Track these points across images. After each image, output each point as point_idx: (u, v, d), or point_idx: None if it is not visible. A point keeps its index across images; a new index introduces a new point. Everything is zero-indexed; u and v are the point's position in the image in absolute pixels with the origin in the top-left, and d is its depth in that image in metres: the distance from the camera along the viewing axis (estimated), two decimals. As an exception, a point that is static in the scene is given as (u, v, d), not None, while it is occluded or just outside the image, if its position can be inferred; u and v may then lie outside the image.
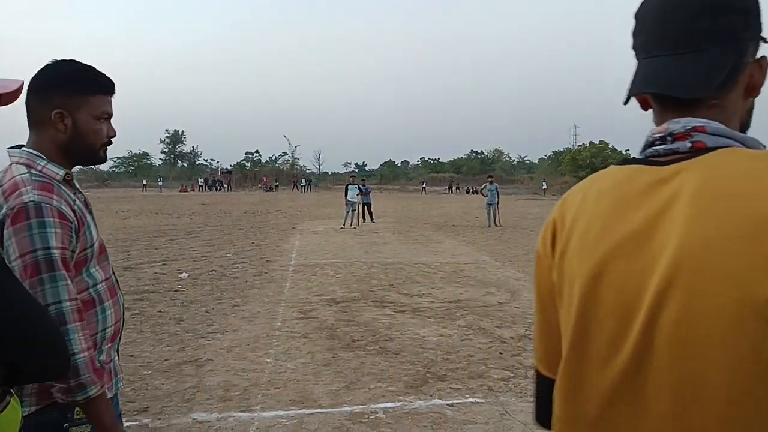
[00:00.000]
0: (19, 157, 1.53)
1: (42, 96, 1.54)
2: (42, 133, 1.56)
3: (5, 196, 1.43)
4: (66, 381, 1.38)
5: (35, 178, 1.47)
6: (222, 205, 31.65)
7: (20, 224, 1.39)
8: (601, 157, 53.85)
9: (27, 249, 1.38)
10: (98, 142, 1.62)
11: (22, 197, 1.41)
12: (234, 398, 4.18)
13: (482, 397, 4.27)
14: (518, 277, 9.48)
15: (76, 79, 1.57)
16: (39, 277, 1.38)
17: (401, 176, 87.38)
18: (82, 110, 1.57)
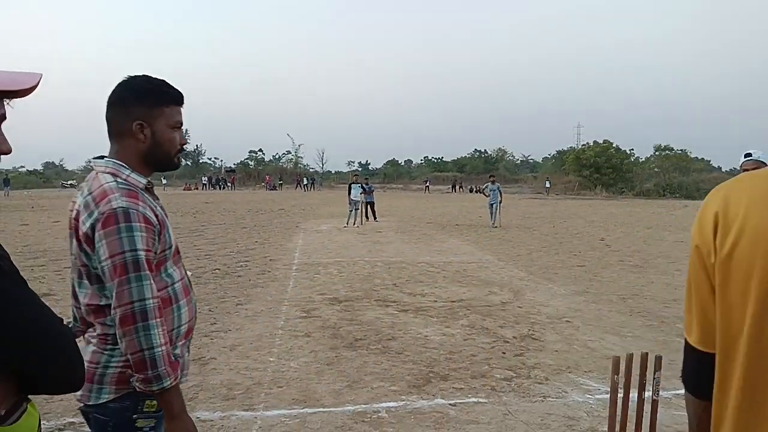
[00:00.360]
0: (105, 166, 1.66)
1: (122, 109, 1.68)
2: (123, 143, 1.69)
3: (96, 202, 1.57)
4: (145, 372, 1.52)
5: (122, 186, 1.60)
6: (225, 203, 31.69)
7: (110, 228, 1.53)
8: (605, 156, 53.67)
9: (116, 251, 1.52)
10: (173, 150, 1.75)
11: (111, 204, 1.55)
12: (237, 397, 4.18)
13: (485, 396, 4.27)
14: (521, 276, 9.47)
15: (152, 93, 1.70)
16: (126, 276, 1.52)
17: (404, 175, 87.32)
18: (158, 121, 1.69)
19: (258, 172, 73.22)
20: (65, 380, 1.10)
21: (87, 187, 1.63)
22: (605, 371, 4.61)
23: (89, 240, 1.56)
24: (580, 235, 16.65)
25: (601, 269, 10.41)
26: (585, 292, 8.24)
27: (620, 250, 13.07)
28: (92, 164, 1.71)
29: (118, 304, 1.53)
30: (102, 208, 1.54)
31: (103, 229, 1.53)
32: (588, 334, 5.99)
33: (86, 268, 1.62)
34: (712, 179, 57.03)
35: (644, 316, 6.76)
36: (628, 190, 52.76)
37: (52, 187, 61.59)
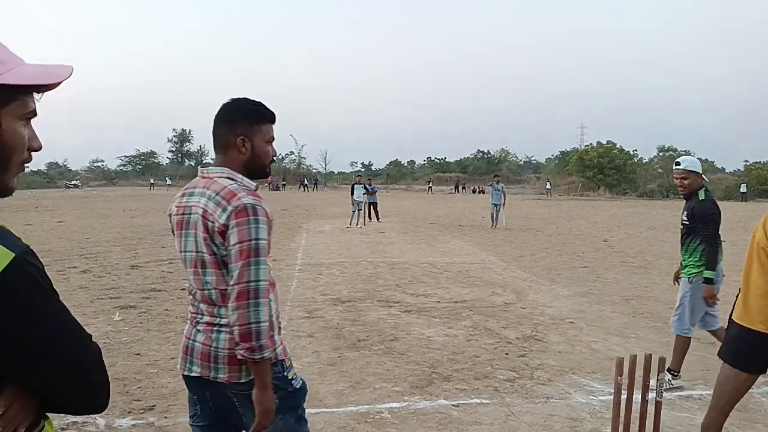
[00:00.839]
0: (221, 173, 1.97)
1: (229, 126, 2.00)
2: (228, 154, 2.00)
3: (226, 199, 1.85)
4: (250, 342, 1.77)
5: (243, 188, 1.90)
6: (228, 204, 31.70)
7: (242, 218, 1.81)
8: (609, 157, 53.55)
9: (245, 238, 1.80)
10: (267, 161, 2.08)
11: (241, 200, 1.84)
12: (240, 397, 4.18)
13: (488, 397, 4.26)
14: (524, 277, 9.46)
15: (253, 113, 2.03)
16: (250, 259, 1.79)
17: (407, 176, 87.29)
18: (257, 136, 2.02)
19: (261, 173, 73.24)
20: (89, 404, 1.07)
21: (210, 190, 1.91)
22: (608, 372, 4.60)
23: (224, 230, 1.83)
24: (583, 236, 16.63)
25: (604, 270, 10.39)
26: (588, 293, 8.22)
27: (623, 251, 13.04)
28: (207, 171, 2.01)
29: (237, 282, 1.79)
30: (234, 203, 1.83)
31: (236, 219, 1.81)
32: (591, 335, 5.97)
33: (214, 257, 1.88)
34: (716, 180, 56.88)
35: (647, 318, 6.75)
36: (631, 190, 52.65)
37: (56, 187, 61.75)
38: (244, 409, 1.93)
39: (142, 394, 4.21)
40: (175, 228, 2.03)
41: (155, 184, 61.59)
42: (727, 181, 55.96)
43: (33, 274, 0.94)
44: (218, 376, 1.91)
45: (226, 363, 1.89)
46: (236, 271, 1.79)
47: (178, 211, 2.02)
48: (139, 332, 5.82)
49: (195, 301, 2.00)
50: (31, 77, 0.98)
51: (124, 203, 30.69)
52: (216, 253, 1.87)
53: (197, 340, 1.97)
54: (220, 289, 1.88)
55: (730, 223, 22.03)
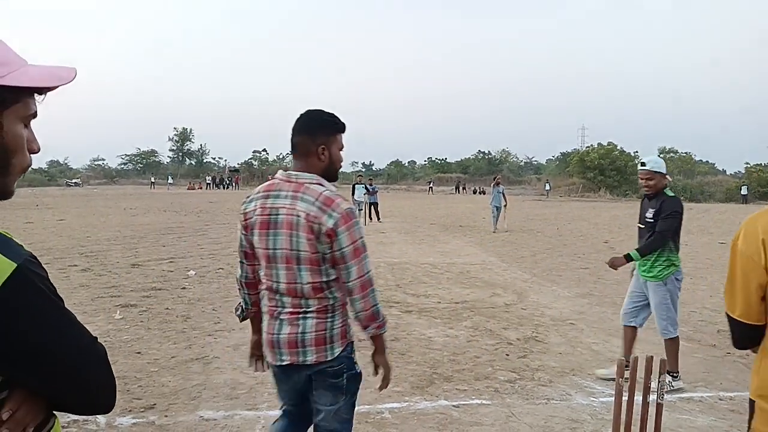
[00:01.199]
0: (311, 179, 2.19)
1: (310, 136, 2.24)
2: (309, 161, 2.23)
3: (328, 206, 2.10)
4: (376, 321, 2.24)
5: (335, 194, 2.17)
6: (229, 203, 31.73)
7: (350, 223, 2.12)
8: (610, 159, 53.49)
9: (356, 237, 2.13)
10: (339, 167, 2.35)
11: (341, 206, 2.12)
12: (240, 396, 4.19)
13: (488, 398, 4.26)
14: (525, 278, 9.46)
15: (330, 124, 2.29)
16: (362, 254, 2.15)
17: (408, 176, 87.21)
18: (333, 145, 2.27)
19: (262, 172, 73.24)
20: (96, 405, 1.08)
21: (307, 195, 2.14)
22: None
23: (332, 233, 2.09)
24: (584, 237, 16.62)
25: (605, 271, 10.35)
26: (589, 294, 8.22)
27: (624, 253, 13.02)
28: (295, 177, 2.21)
29: (359, 275, 2.14)
30: (339, 209, 2.10)
31: (344, 224, 2.10)
32: (592, 336, 5.97)
33: (316, 255, 2.12)
34: (717, 182, 56.89)
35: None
36: (632, 192, 52.57)
37: (57, 185, 61.77)
38: (319, 387, 2.26)
39: (143, 393, 4.21)
40: (258, 227, 2.21)
41: (156, 183, 61.55)
42: (727, 183, 55.92)
43: (36, 282, 0.95)
44: (306, 359, 2.19)
45: (314, 345, 2.18)
46: (355, 267, 2.13)
47: (262, 211, 2.21)
48: (139, 331, 5.82)
49: (275, 294, 2.22)
50: (35, 79, 0.97)
51: (125, 202, 30.70)
52: (319, 251, 2.12)
53: (282, 332, 2.21)
54: (314, 282, 2.15)
55: (731, 225, 22.02)
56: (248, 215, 2.29)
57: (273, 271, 2.20)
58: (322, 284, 2.16)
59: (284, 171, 2.27)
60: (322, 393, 2.26)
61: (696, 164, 64.36)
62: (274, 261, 2.18)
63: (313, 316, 2.18)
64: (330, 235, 2.09)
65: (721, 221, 24.28)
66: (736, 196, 47.42)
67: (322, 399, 2.27)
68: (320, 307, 2.18)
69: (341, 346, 2.22)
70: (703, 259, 12.34)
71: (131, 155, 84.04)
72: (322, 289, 2.17)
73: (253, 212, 2.27)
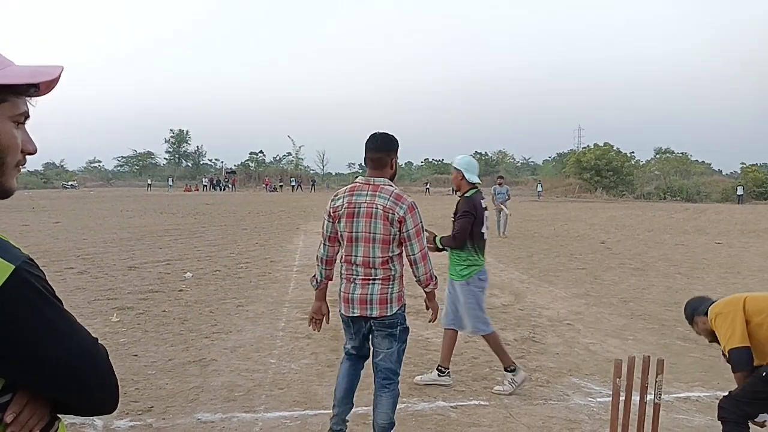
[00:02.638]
0: (384, 182, 3.11)
1: (386, 152, 3.16)
2: (384, 170, 3.15)
3: (398, 199, 3.03)
4: (432, 280, 3.17)
5: (402, 192, 3.10)
6: (226, 205, 31.70)
7: (413, 212, 3.05)
8: (606, 159, 53.59)
9: (417, 222, 3.05)
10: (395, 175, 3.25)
11: (408, 200, 3.06)
12: (238, 399, 4.18)
13: (486, 399, 4.27)
14: (522, 279, 9.47)
15: (395, 143, 3.23)
16: (422, 234, 3.08)
17: (405, 177, 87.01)
18: (395, 159, 3.21)
19: (259, 174, 73.14)
20: (99, 406, 1.08)
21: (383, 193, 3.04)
22: (607, 374, 4.60)
23: (402, 220, 3.00)
24: (581, 237, 16.65)
25: (602, 272, 10.40)
26: (586, 294, 8.23)
27: (621, 253, 13.06)
28: (373, 181, 3.11)
29: (420, 249, 3.08)
30: (406, 203, 3.03)
31: (410, 212, 3.02)
32: (589, 337, 5.98)
33: (389, 236, 3.01)
34: (713, 182, 57.02)
35: (645, 320, 6.76)
36: (628, 192, 52.73)
37: (53, 187, 61.59)
38: (379, 334, 3.14)
39: (140, 396, 4.20)
40: (345, 216, 3.07)
41: (153, 185, 61.43)
42: (723, 183, 56.08)
43: (35, 284, 0.95)
44: (372, 313, 3.06)
45: (378, 303, 3.05)
46: (416, 243, 3.04)
47: (348, 205, 3.07)
48: (136, 333, 5.80)
49: (352, 266, 3.10)
50: (17, 77, 0.97)
51: (122, 204, 30.63)
52: (391, 234, 3.00)
53: (355, 292, 3.09)
54: (383, 257, 3.03)
55: (727, 225, 22.09)
56: (338, 209, 3.11)
57: (353, 248, 3.06)
58: (388, 258, 3.03)
59: (363, 177, 3.16)
60: (381, 340, 3.13)
61: (692, 164, 64.40)
62: (355, 241, 3.05)
63: (379, 283, 3.05)
64: (401, 221, 2.99)
65: (717, 221, 24.35)
66: (732, 196, 47.56)
67: (381, 344, 3.13)
68: (384, 276, 3.05)
69: (398, 306, 3.10)
70: (699, 259, 12.37)
71: (128, 157, 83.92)
72: (387, 262, 3.03)
73: (341, 206, 3.09)
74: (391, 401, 3.16)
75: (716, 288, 8.97)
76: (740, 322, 2.91)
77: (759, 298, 3.04)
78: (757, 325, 2.91)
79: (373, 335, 3.16)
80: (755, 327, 2.91)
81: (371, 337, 3.20)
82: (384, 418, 3.15)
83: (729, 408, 3.02)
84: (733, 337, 2.89)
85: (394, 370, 3.16)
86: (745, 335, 2.88)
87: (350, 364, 3.37)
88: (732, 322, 2.92)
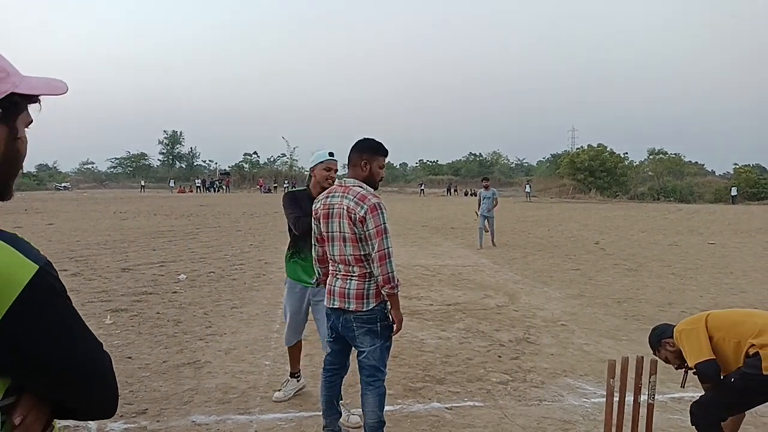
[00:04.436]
0: (354, 184, 3.15)
1: (358, 152, 3.19)
2: (355, 171, 3.19)
3: (360, 200, 3.04)
4: (390, 283, 3.04)
5: (369, 192, 3.11)
6: (220, 206, 31.61)
7: (375, 212, 3.02)
8: (600, 160, 53.78)
9: (379, 223, 3.01)
10: (377, 180, 3.24)
11: (370, 201, 3.04)
12: (232, 401, 4.17)
13: (481, 400, 4.27)
14: (516, 280, 9.48)
15: (374, 147, 3.22)
16: (383, 235, 3.01)
17: (400, 178, 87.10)
18: (374, 162, 3.20)
19: (253, 175, 72.95)
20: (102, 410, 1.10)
21: (349, 194, 3.08)
22: (601, 375, 4.62)
23: (363, 220, 3.01)
24: (575, 238, 16.69)
25: (596, 273, 10.43)
26: (580, 295, 8.26)
27: (615, 254, 13.11)
28: (344, 182, 3.19)
29: (379, 249, 3.00)
30: (369, 202, 3.03)
31: (371, 212, 3.01)
32: (583, 337, 6.00)
33: (355, 236, 3.05)
34: (706, 183, 57.31)
35: (639, 320, 6.78)
36: (622, 193, 52.91)
37: (46, 189, 61.26)
38: (359, 331, 3.15)
39: (134, 398, 4.18)
40: (322, 218, 3.19)
41: (146, 186, 61.15)
42: (716, 183, 56.36)
43: (55, 286, 0.96)
44: (349, 307, 3.12)
45: (355, 298, 3.11)
46: (376, 243, 3.00)
47: (323, 207, 3.18)
48: (130, 335, 5.78)
49: (335, 263, 3.19)
50: (37, 88, 1.02)
51: (115, 205, 30.50)
52: (356, 233, 3.05)
53: (336, 285, 3.18)
54: (355, 255, 3.08)
55: (720, 226, 22.21)
56: (317, 211, 3.24)
57: (330, 247, 3.19)
58: (360, 256, 3.08)
59: (339, 179, 3.32)
60: (363, 336, 3.15)
61: (685, 165, 64.67)
62: (331, 240, 3.17)
63: (356, 279, 3.12)
64: (362, 221, 3.02)
65: (710, 222, 24.47)
66: (725, 196, 47.81)
67: (363, 341, 3.15)
68: (361, 273, 3.10)
69: (375, 302, 3.12)
70: (693, 259, 12.43)
71: (121, 158, 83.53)
72: (361, 260, 3.09)
73: (319, 209, 3.22)
74: (377, 399, 3.18)
75: (709, 288, 9.02)
76: (704, 337, 3.15)
77: (719, 316, 3.30)
78: (720, 339, 3.15)
79: (355, 333, 3.16)
80: (718, 341, 3.15)
81: (354, 336, 3.18)
82: (372, 417, 3.18)
83: (701, 414, 3.19)
84: (700, 351, 3.12)
85: (378, 367, 3.17)
86: (710, 349, 3.12)
87: (327, 377, 3.43)
88: (696, 337, 3.17)
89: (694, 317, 3.39)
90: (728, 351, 3.14)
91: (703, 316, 3.30)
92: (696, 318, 3.35)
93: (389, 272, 3.02)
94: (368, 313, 3.10)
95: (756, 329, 3.08)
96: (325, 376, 3.44)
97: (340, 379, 3.47)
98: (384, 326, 3.17)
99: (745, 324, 3.16)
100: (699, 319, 3.30)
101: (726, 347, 3.15)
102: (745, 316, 3.29)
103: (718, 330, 3.19)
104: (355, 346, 3.24)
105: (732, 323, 3.22)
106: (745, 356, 3.05)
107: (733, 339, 3.12)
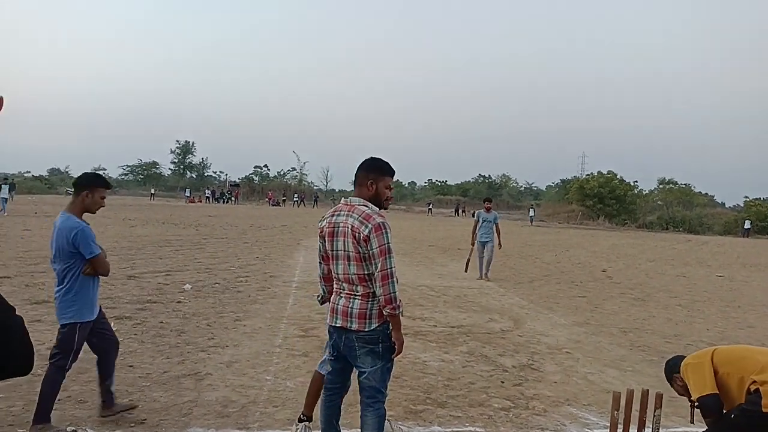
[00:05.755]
0: (359, 203, 3.15)
1: (365, 171, 3.21)
2: (361, 190, 3.21)
3: (365, 219, 3.03)
4: (392, 304, 3.00)
5: (374, 212, 3.10)
6: (228, 217, 31.71)
7: (379, 231, 3.01)
8: (609, 187, 53.66)
9: (383, 242, 3.00)
10: (383, 200, 3.25)
11: (375, 220, 3.03)
12: (232, 415, 4.14)
13: (482, 426, 4.22)
14: (522, 305, 9.42)
15: (380, 167, 3.24)
16: (387, 255, 3.00)
17: (408, 197, 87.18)
18: (380, 182, 3.21)
19: (262, 188, 73.26)
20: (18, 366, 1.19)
21: (354, 213, 3.09)
22: (605, 405, 4.56)
23: (367, 239, 3.00)
24: (582, 265, 16.59)
25: (603, 301, 10.35)
26: (585, 323, 8.18)
27: (622, 282, 13.01)
28: (349, 201, 3.20)
29: (382, 269, 2.99)
30: (373, 221, 3.02)
31: (375, 232, 3.00)
32: (588, 366, 5.93)
33: (359, 255, 3.04)
34: (716, 214, 57.00)
35: (644, 351, 6.70)
36: (630, 221, 52.70)
37: (56, 193, 61.75)
38: (361, 351, 3.12)
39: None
40: (327, 236, 3.20)
41: (156, 195, 61.53)
42: (726, 216, 56.04)
43: None
44: (351, 326, 3.10)
45: (357, 317, 3.09)
46: (380, 263, 2.99)
47: (329, 226, 3.19)
48: (132, 344, 5.77)
49: (339, 281, 3.20)
50: None
51: (124, 212, 30.67)
52: (360, 252, 3.04)
53: (339, 304, 3.17)
54: (359, 274, 3.07)
55: (728, 258, 22.02)
56: (322, 229, 3.25)
57: (335, 265, 3.18)
58: (364, 275, 3.06)
59: (345, 198, 3.25)
60: (364, 357, 3.12)
61: (695, 196, 64.38)
62: (336, 259, 3.16)
63: (359, 298, 3.10)
64: (365, 240, 3.01)
65: (719, 254, 24.27)
66: (735, 229, 47.49)
67: (365, 362, 3.13)
68: (365, 292, 3.09)
69: (378, 322, 3.09)
70: (700, 291, 12.31)
71: (132, 166, 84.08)
72: (365, 279, 3.07)
73: (325, 227, 3.23)
74: (376, 420, 3.16)
75: (716, 321, 8.92)
76: (708, 372, 3.18)
77: (725, 351, 3.34)
78: (725, 374, 3.18)
79: (357, 352, 3.14)
80: (723, 377, 3.18)
81: (356, 356, 3.16)
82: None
83: None
84: (704, 385, 3.16)
85: (378, 389, 3.16)
86: (713, 383, 3.15)
87: (327, 396, 3.44)
88: (701, 371, 3.21)
89: (701, 352, 3.40)
90: (732, 386, 3.14)
91: (710, 351, 3.32)
92: (703, 352, 3.37)
93: (391, 292, 3.00)
94: (370, 334, 3.08)
95: (759, 366, 3.08)
96: (325, 394, 3.44)
97: (340, 398, 3.46)
98: (386, 347, 3.13)
99: (749, 360, 3.17)
100: (705, 353, 3.32)
101: (730, 383, 3.15)
102: (749, 352, 3.30)
103: (723, 365, 3.20)
104: (356, 366, 3.21)
105: (737, 359, 3.23)
106: (746, 392, 3.05)
107: (737, 375, 3.13)
